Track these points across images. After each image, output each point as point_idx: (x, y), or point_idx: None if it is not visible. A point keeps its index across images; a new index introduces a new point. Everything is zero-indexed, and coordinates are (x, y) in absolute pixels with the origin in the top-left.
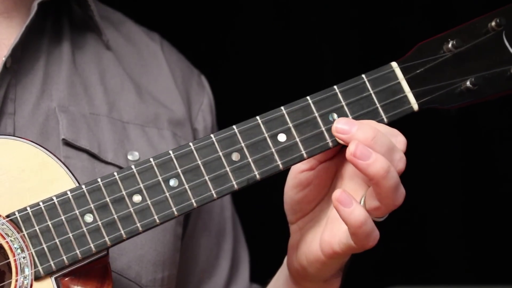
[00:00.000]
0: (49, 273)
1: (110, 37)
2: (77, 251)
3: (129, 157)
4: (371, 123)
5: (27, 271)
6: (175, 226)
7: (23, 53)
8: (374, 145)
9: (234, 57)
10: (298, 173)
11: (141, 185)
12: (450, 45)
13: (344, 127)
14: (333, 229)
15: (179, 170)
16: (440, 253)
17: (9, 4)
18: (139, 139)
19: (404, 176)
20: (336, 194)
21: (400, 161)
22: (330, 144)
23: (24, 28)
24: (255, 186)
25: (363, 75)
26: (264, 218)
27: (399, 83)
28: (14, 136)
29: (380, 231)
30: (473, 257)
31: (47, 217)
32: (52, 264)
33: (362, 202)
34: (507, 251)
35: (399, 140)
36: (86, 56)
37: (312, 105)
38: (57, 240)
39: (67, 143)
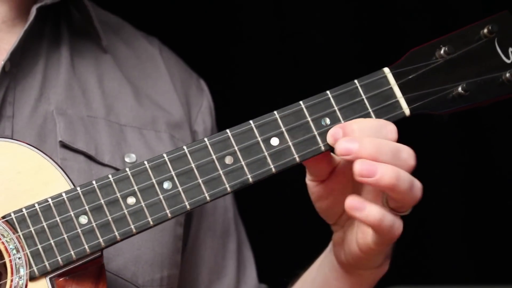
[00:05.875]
0: (44, 274)
1: (109, 41)
2: (72, 252)
3: (126, 160)
4: (360, 121)
5: (22, 272)
6: (175, 227)
7: (22, 57)
8: (379, 157)
9: (233, 62)
10: (312, 188)
11: (135, 188)
12: (442, 52)
13: (347, 145)
14: (363, 229)
15: (172, 173)
16: (440, 253)
17: (14, 12)
18: (136, 141)
19: None
20: (347, 202)
21: (409, 159)
22: (323, 148)
23: (22, 32)
24: (254, 188)
25: (356, 81)
26: (265, 218)
27: (391, 88)
28: (10, 138)
29: None
30: (473, 257)
31: (42, 218)
32: (47, 265)
33: (385, 202)
34: (507, 251)
35: (390, 129)
36: (84, 60)
37: (304, 109)
38: (52, 241)
39: (64, 145)
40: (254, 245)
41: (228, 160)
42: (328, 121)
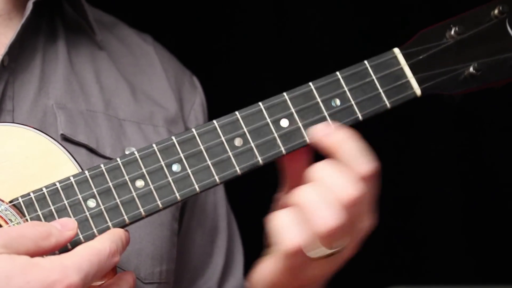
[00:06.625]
0: None
1: (103, 38)
2: (80, 236)
3: (127, 153)
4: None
5: None
6: (171, 222)
7: (20, 51)
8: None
9: (227, 59)
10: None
11: (144, 170)
12: (452, 32)
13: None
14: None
15: (181, 155)
16: (440, 253)
17: (9, 5)
18: (135, 135)
19: (404, 177)
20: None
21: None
22: None
23: (20, 26)
24: (250, 186)
25: (365, 61)
26: (258, 216)
27: (401, 68)
28: (18, 123)
29: (381, 230)
30: (473, 257)
31: (50, 202)
32: None
33: None
34: (507, 251)
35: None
36: (81, 56)
37: (314, 90)
38: None
39: (65, 138)
40: (249, 246)
41: (238, 142)
42: (338, 102)
